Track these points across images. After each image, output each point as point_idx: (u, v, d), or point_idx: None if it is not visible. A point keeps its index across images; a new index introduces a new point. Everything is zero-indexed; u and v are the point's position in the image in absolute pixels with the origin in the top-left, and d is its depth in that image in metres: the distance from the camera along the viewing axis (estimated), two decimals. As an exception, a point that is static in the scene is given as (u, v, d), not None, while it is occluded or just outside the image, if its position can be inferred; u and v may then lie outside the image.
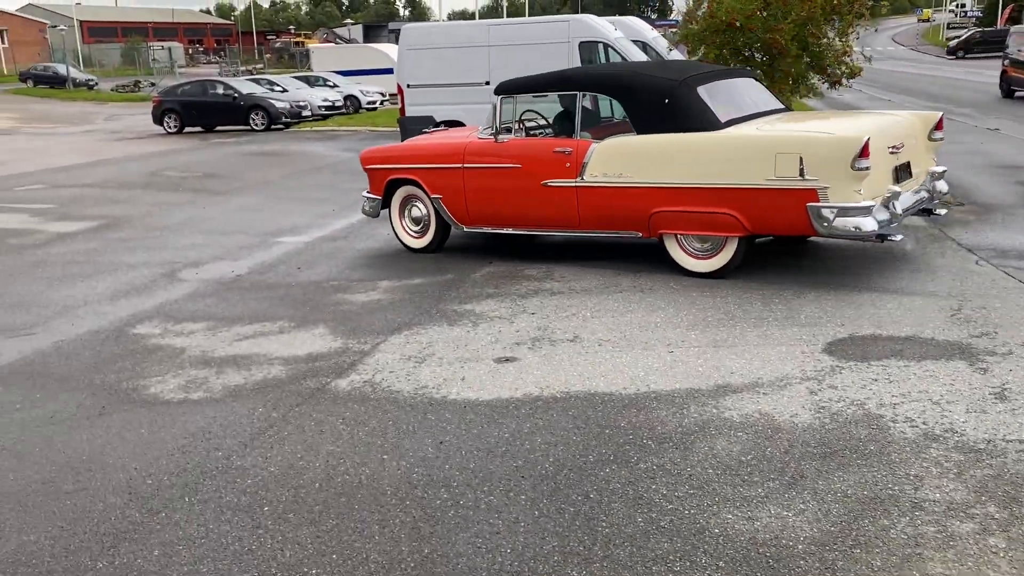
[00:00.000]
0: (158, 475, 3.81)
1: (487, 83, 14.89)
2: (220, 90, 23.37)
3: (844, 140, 5.67)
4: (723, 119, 6.27)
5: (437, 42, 15.16)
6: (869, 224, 5.59)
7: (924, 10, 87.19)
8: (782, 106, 7.34)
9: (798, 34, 12.37)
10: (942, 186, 6.72)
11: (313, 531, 3.25)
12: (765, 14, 12.29)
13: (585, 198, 6.66)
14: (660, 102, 6.43)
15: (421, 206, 7.86)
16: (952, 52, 48.14)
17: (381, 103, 28.75)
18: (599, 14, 18.60)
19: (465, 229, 7.59)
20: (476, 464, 3.68)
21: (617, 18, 16.84)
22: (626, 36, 15.07)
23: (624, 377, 4.53)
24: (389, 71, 32.25)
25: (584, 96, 6.90)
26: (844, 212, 5.58)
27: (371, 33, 73.10)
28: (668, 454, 3.63)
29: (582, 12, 37.25)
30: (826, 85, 13.46)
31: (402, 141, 9.66)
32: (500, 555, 3.00)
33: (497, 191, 7.16)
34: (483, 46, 14.89)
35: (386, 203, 8.02)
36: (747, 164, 5.88)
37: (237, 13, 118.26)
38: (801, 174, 5.63)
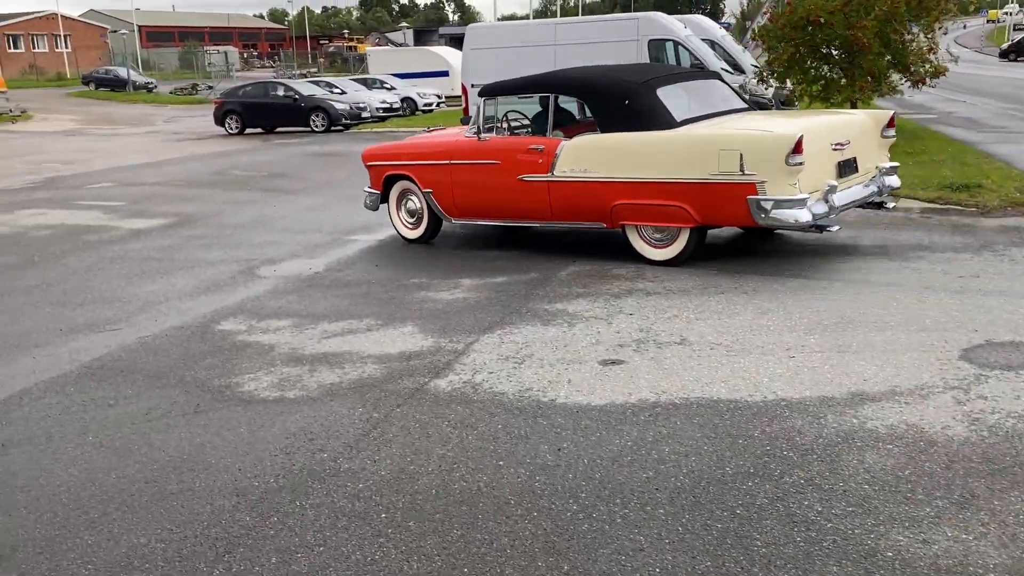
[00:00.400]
0: (264, 477, 3.63)
1: (553, 82, 14.69)
2: (281, 92, 23.53)
3: (779, 137, 6.02)
4: (679, 119, 6.69)
5: (502, 41, 14.99)
6: (804, 215, 5.96)
7: (990, 11, 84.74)
8: (745, 106, 7.69)
9: (880, 31, 11.92)
10: (894, 181, 7.06)
11: (438, 542, 3.03)
12: (847, 10, 11.86)
13: (555, 192, 7.10)
14: (621, 103, 6.89)
15: (415, 199, 8.32)
16: (1004, 55, 46.94)
17: (437, 105, 28.74)
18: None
19: (453, 221, 8.12)
20: (602, 474, 3.42)
21: (686, 16, 16.50)
22: (695, 35, 14.72)
23: (746, 383, 4.23)
24: (444, 74, 32.35)
25: (557, 98, 7.33)
26: (780, 204, 5.96)
27: (422, 37, 73.51)
28: (814, 467, 3.34)
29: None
30: (908, 84, 12.96)
31: None
32: (649, 574, 2.74)
33: (479, 186, 7.64)
34: (549, 45, 14.67)
35: (385, 198, 8.52)
36: (694, 160, 6.31)
37: (290, 18, 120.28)
38: (741, 169, 6.04)
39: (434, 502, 3.32)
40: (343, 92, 25.18)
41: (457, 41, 54.93)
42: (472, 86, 15.28)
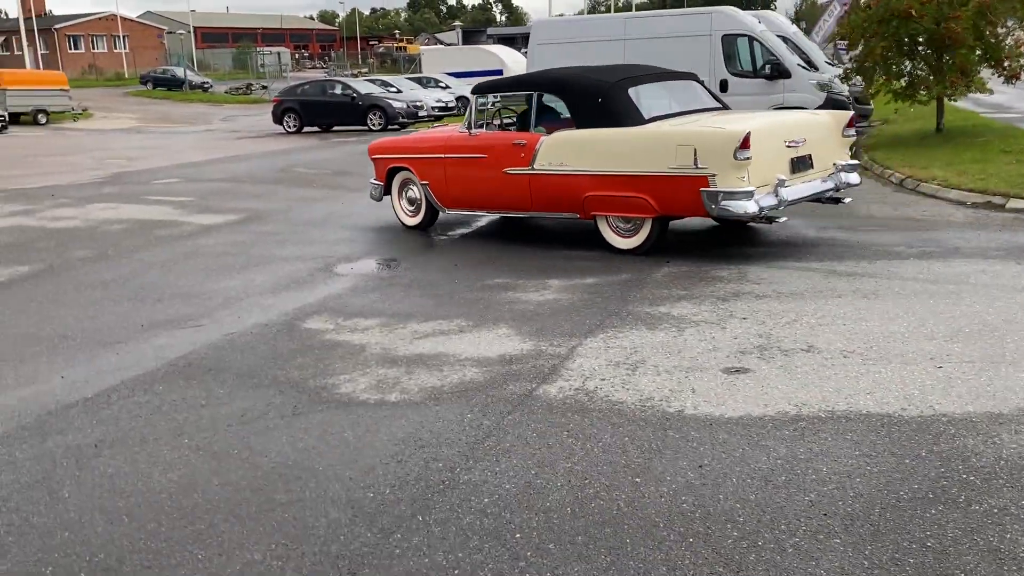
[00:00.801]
0: (378, 487, 3.35)
1: (621, 79, 14.32)
2: (339, 90, 23.52)
3: (728, 134, 6.37)
4: (647, 116, 7.11)
5: (569, 36, 14.65)
6: (751, 207, 6.32)
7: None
8: (718, 105, 7.99)
9: (974, 23, 11.33)
10: (853, 178, 7.29)
11: (587, 568, 2.72)
12: (939, 1, 11.29)
13: (535, 184, 7.53)
14: (595, 101, 7.31)
15: (415, 190, 8.85)
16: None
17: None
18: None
19: (447, 211, 8.60)
20: (757, 496, 3.08)
21: (758, 12, 15.99)
22: (769, 30, 14.22)
23: (895, 395, 3.85)
24: (499, 72, 32.03)
25: (541, 96, 7.73)
26: (729, 196, 6.34)
27: (470, 37, 73.54)
28: (1006, 494, 2.95)
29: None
30: (1000, 80, 12.31)
31: None
32: (841, 617, 2.40)
33: (469, 178, 8.12)
34: (618, 40, 14.29)
35: (388, 189, 9.11)
36: (655, 155, 6.71)
37: (340, 20, 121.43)
38: (695, 163, 6.43)
39: (571, 522, 3.00)
40: (399, 91, 25.11)
41: (505, 41, 54.89)
42: (537, 83, 14.98)
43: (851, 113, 7.47)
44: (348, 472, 3.50)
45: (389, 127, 22.80)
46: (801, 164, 6.92)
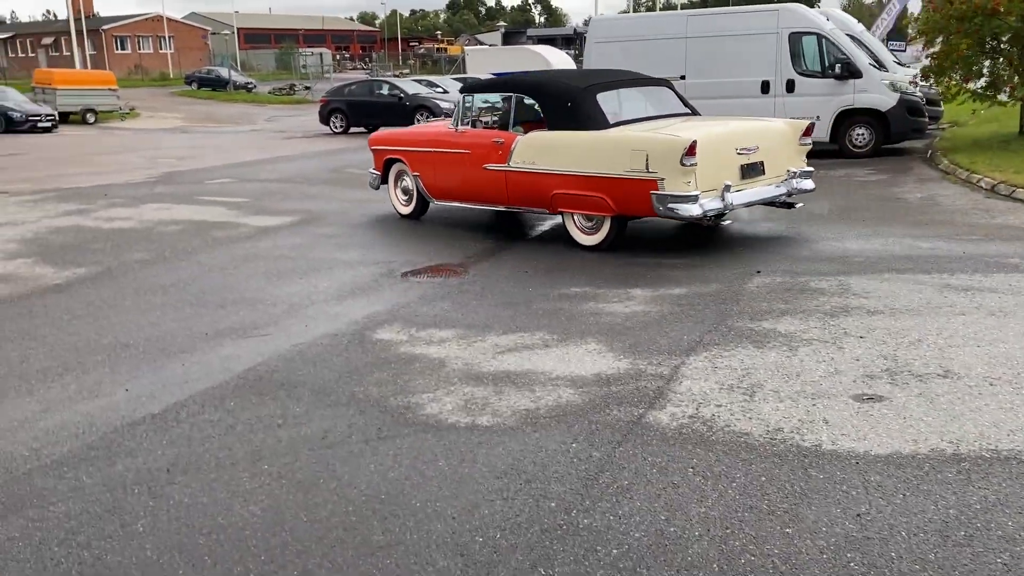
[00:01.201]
0: (487, 531, 2.98)
1: (682, 77, 13.83)
2: (386, 90, 23.30)
3: (676, 142, 6.72)
4: (612, 121, 7.45)
5: (628, 34, 14.21)
6: (695, 210, 6.71)
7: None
8: (687, 111, 8.25)
9: (1066, 19, 10.68)
10: (807, 184, 7.59)
11: (754, 645, 2.31)
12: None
13: (511, 180, 7.96)
14: (565, 104, 7.68)
15: (408, 180, 9.40)
16: None
17: (538, 105, 28.15)
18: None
19: (435, 201, 9.11)
20: (938, 555, 2.64)
21: (825, 9, 15.39)
22: (837, 28, 13.65)
23: (1069, 433, 3.38)
24: (543, 73, 31.79)
25: (521, 98, 8.09)
26: (675, 199, 6.73)
27: (510, 38, 73.31)
28: None
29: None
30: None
31: None
32: None
33: (454, 172, 8.61)
34: (679, 38, 13.82)
35: (385, 179, 9.68)
36: (613, 158, 7.09)
37: (379, 21, 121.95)
38: (647, 167, 6.81)
39: (722, 582, 2.60)
40: (445, 91, 24.80)
41: (545, 41, 54.60)
42: (594, 82, 14.56)
43: (808, 122, 7.79)
44: (449, 509, 3.13)
45: (436, 127, 22.55)
46: (752, 170, 7.26)
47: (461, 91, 9.16)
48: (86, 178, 13.67)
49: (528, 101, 8.11)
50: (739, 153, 7.14)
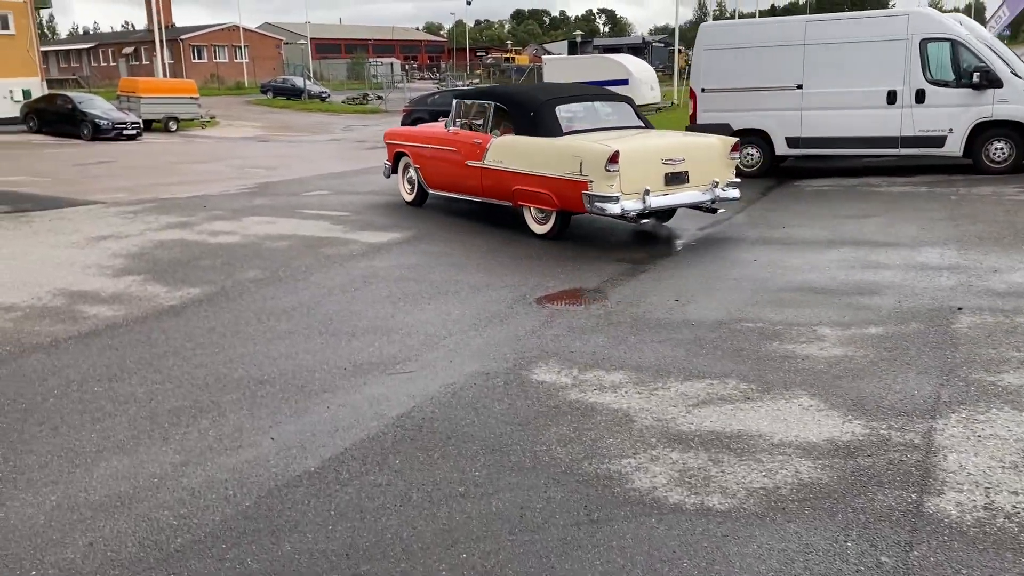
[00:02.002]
0: (792, 676, 2.27)
1: (799, 87, 12.96)
2: (468, 99, 22.82)
3: (602, 151, 7.72)
4: (565, 130, 8.59)
5: (741, 40, 13.37)
6: (615, 209, 7.71)
7: None
8: (641, 124, 9.28)
9: None
10: (732, 193, 8.47)
11: None
12: None
13: (485, 176, 9.18)
14: (529, 114, 8.87)
15: (412, 171, 10.78)
16: None
17: (620, 115, 27.40)
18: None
19: (431, 191, 10.47)
20: None
21: (955, 15, 14.32)
22: (971, 34, 12.60)
23: None
24: (624, 82, 30.94)
25: (497, 106, 9.29)
26: (600, 199, 7.73)
27: (575, 49, 72.72)
28: None
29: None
30: None
31: None
32: None
33: (445, 166, 9.95)
34: (797, 45, 12.94)
35: (395, 169, 11.16)
36: (558, 162, 8.16)
37: (444, 32, 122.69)
38: (580, 171, 7.85)
39: None
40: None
41: (610, 51, 53.69)
42: (703, 90, 13.78)
43: (736, 140, 8.68)
44: (728, 638, 2.44)
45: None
46: (676, 179, 8.17)
47: (455, 97, 10.44)
48: (180, 188, 13.43)
49: (503, 109, 9.25)
50: (664, 163, 8.09)
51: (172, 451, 3.93)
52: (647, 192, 7.83)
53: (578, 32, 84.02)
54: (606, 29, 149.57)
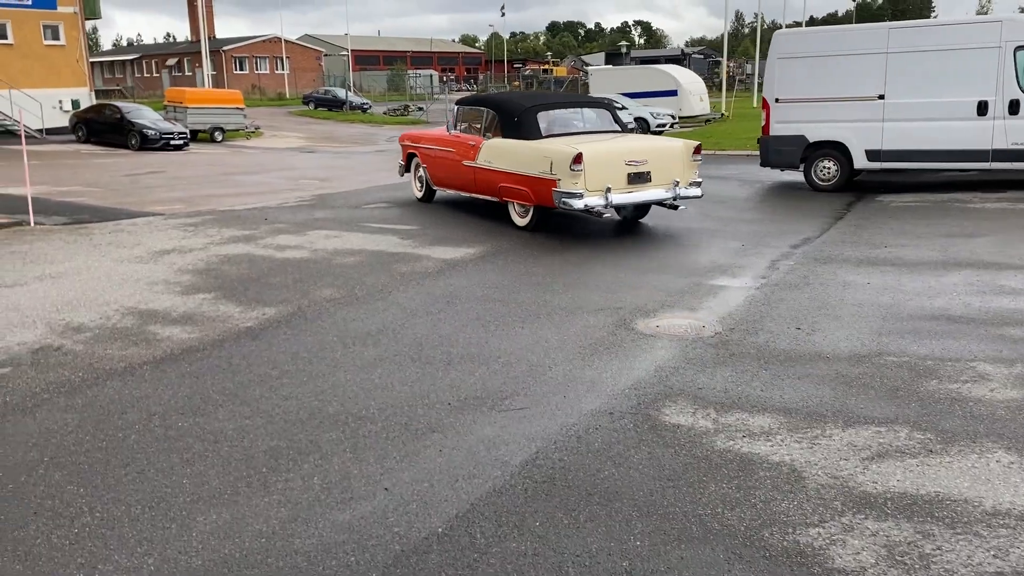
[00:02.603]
0: None
1: (881, 97, 12.29)
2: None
3: (568, 153, 8.67)
4: (544, 134, 9.52)
5: (818, 49, 12.76)
6: (579, 204, 8.68)
7: None
8: (618, 129, 10.27)
9: None
10: (694, 192, 9.33)
11: None
12: None
13: (477, 174, 10.14)
14: (513, 119, 9.75)
15: (421, 170, 11.90)
16: None
17: (671, 126, 26.80)
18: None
19: (436, 189, 11.66)
20: None
21: None
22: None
23: None
24: (673, 93, 30.42)
25: (490, 112, 10.22)
26: (566, 195, 8.71)
27: (612, 59, 72.19)
28: None
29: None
30: None
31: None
32: None
33: (446, 166, 11.01)
34: (879, 53, 12.30)
35: (408, 168, 12.35)
36: (534, 162, 9.10)
37: (479, 44, 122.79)
38: (550, 170, 8.85)
39: None
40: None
41: (649, 62, 52.99)
42: (776, 100, 13.16)
43: (698, 143, 9.60)
44: None
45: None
46: (639, 178, 9.08)
47: (456, 103, 11.60)
48: (236, 199, 13.10)
49: (494, 115, 10.18)
50: (627, 164, 8.99)
51: (276, 503, 3.45)
52: (608, 189, 8.80)
53: (623, 43, 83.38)
54: (641, 41, 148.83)
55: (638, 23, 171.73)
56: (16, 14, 28.04)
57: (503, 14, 76.08)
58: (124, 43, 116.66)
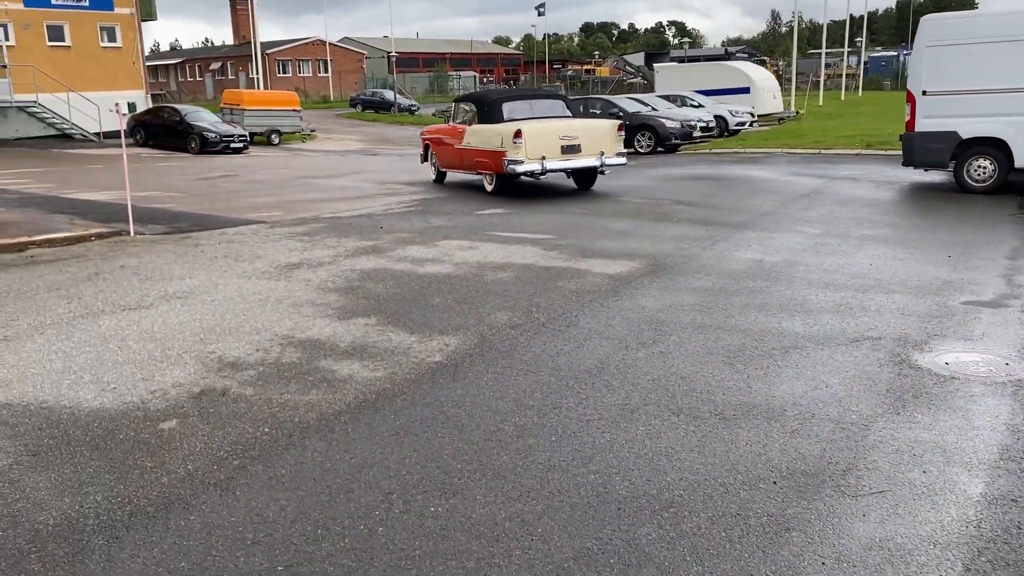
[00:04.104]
0: None
1: (1049, 89, 10.99)
2: (598, 109, 21.22)
3: (510, 130, 11.80)
4: (507, 119, 12.58)
5: (973, 35, 11.47)
6: (520, 169, 11.82)
7: None
8: (569, 115, 13.40)
9: None
10: (617, 160, 12.59)
11: None
12: None
13: (463, 154, 13.19)
14: (485, 109, 12.93)
15: (433, 157, 14.76)
16: None
17: (750, 124, 25.48)
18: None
19: (443, 170, 14.49)
20: None
21: None
22: None
23: None
24: (746, 90, 29.04)
25: (474, 104, 13.30)
26: (511, 162, 11.81)
27: (651, 59, 70.76)
28: None
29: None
30: None
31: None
32: None
33: (446, 151, 13.90)
34: (1047, 39, 10.98)
35: (426, 157, 15.14)
36: (493, 140, 12.21)
37: (513, 44, 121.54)
38: (501, 144, 11.97)
39: None
40: (654, 109, 22.57)
41: (691, 62, 51.35)
42: (924, 93, 11.87)
43: (619, 122, 13.03)
44: None
45: (658, 149, 20.28)
46: (571, 150, 12.10)
47: (455, 100, 14.49)
48: (333, 205, 12.12)
49: (475, 107, 13.06)
50: (561, 139, 12.01)
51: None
52: (543, 158, 11.82)
53: (685, 42, 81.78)
54: (675, 41, 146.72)
55: (672, 23, 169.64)
56: (73, 16, 27.49)
57: (541, 13, 74.55)
58: (167, 48, 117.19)
